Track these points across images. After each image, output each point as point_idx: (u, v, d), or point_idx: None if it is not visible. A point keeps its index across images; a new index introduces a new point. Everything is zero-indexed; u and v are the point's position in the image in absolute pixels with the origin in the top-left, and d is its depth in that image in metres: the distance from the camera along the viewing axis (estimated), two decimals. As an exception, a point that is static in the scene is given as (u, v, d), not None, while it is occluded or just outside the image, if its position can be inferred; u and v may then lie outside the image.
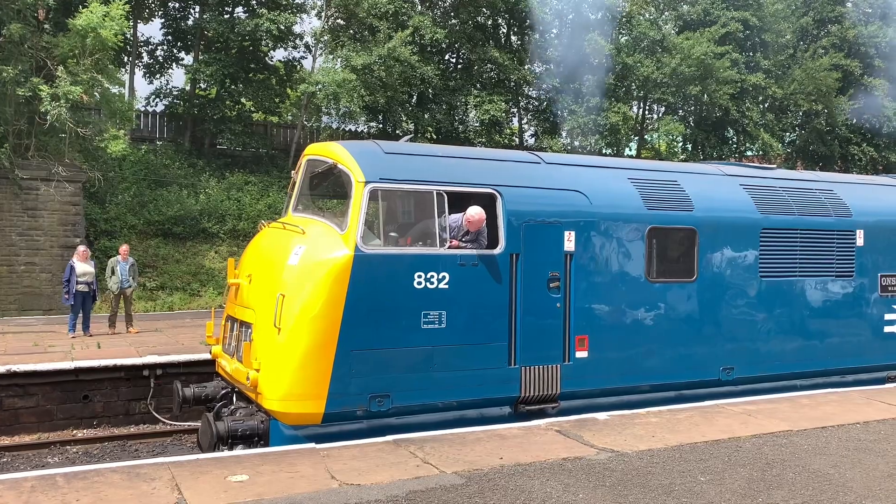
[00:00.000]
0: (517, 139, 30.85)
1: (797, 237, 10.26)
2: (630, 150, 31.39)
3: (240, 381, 7.83)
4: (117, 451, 10.59)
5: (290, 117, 29.29)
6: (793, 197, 10.52)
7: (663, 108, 32.73)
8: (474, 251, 7.97)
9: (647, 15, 30.67)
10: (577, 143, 29.23)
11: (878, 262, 10.97)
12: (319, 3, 26.60)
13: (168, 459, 6.56)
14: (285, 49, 26.52)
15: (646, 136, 33.26)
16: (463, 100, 27.23)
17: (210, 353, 9.27)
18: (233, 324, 8.53)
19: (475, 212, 7.96)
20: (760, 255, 9.88)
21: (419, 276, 7.59)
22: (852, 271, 10.77)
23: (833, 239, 10.64)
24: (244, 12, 25.66)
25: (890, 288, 11.08)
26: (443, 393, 7.80)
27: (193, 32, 25.81)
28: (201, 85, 25.87)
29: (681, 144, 33.59)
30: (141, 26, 26.21)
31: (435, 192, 7.85)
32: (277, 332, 7.27)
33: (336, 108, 24.85)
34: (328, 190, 9.08)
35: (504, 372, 8.11)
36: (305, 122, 26.78)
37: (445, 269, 7.74)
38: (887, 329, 11.06)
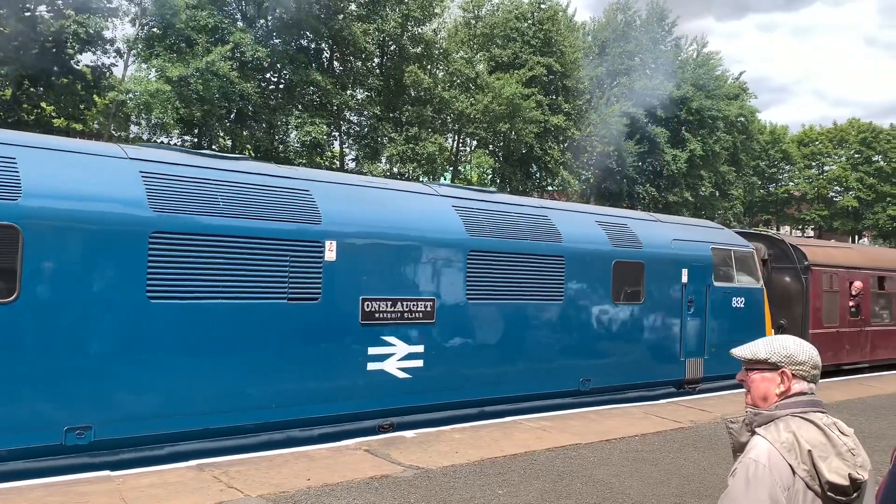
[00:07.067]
0: (338, 162, 30.75)
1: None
2: (445, 178, 32.32)
3: None
4: None
5: (96, 126, 27.15)
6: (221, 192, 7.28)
7: (476, 142, 33.92)
8: None
9: (462, 53, 31.93)
10: (395, 170, 29.69)
11: (358, 283, 7.94)
12: (134, 10, 25.10)
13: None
14: (94, 53, 24.52)
15: (460, 168, 34.48)
16: (284, 119, 26.23)
17: None
18: None
19: None
20: (148, 272, 6.61)
21: None
22: (318, 293, 7.57)
23: (284, 248, 7.36)
24: (48, 12, 23.57)
25: (377, 315, 8.05)
26: None
27: (-14, 28, 23.28)
28: (-7, 85, 23.36)
29: (490, 177, 35.19)
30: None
31: None
32: None
33: (147, 119, 23.39)
34: None
35: None
36: (113, 132, 24.56)
37: None
38: (372, 366, 8.07)
